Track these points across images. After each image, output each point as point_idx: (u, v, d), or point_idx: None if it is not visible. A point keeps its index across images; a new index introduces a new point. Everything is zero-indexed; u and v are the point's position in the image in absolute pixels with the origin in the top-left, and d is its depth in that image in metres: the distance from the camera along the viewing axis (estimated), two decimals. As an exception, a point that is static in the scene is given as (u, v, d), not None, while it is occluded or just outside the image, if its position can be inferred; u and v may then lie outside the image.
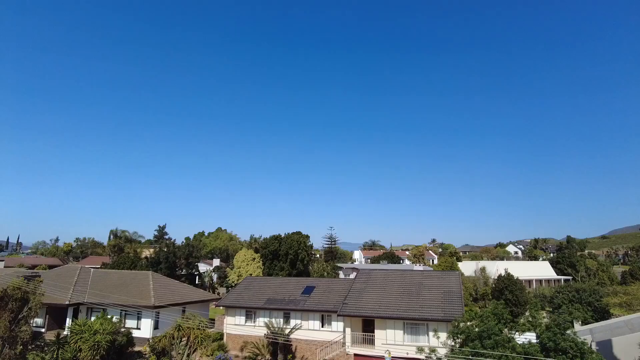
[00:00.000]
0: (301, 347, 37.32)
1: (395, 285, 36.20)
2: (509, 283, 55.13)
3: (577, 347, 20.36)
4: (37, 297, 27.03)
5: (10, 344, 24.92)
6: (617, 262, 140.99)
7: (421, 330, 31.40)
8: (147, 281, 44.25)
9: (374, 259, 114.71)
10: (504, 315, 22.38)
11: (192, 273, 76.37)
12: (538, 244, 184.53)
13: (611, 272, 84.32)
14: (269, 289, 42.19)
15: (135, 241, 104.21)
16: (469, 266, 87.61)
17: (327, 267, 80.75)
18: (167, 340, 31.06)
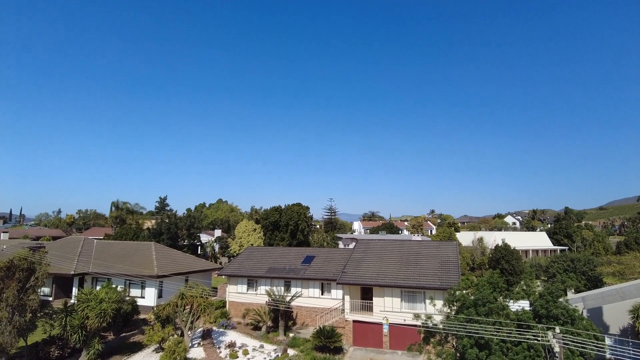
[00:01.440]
0: (302, 314, 38.47)
1: (394, 255, 36.90)
2: (506, 253, 56.11)
3: (568, 314, 21.02)
4: (43, 267, 27.55)
5: (20, 311, 25.64)
6: (613, 232, 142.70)
7: (418, 298, 32.26)
8: (149, 251, 45.06)
9: (373, 230, 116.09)
10: (499, 284, 22.95)
11: (194, 243, 77.51)
12: (536, 215, 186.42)
13: (606, 243, 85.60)
14: (270, 259, 43.03)
15: (137, 213, 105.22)
16: (467, 236, 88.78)
17: (327, 238, 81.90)
18: (171, 308, 31.93)
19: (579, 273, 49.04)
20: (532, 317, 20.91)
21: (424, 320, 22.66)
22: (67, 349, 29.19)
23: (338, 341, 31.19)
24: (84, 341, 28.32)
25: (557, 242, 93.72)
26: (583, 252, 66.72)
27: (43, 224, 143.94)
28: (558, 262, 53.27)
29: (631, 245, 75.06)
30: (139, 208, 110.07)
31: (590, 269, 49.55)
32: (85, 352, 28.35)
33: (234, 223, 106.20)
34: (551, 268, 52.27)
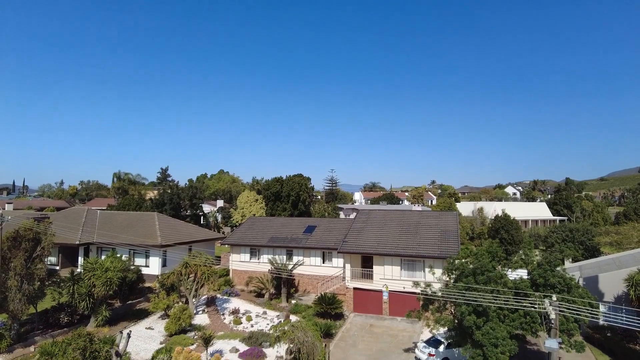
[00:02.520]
0: (303, 282, 39.32)
1: (394, 225, 37.28)
2: (505, 223, 56.62)
3: (564, 282, 21.44)
4: (48, 237, 27.96)
5: (28, 280, 26.25)
6: (612, 203, 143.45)
7: (417, 266, 32.84)
8: (152, 221, 45.57)
9: (374, 200, 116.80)
10: (498, 253, 23.30)
11: (197, 213, 78.20)
12: (537, 186, 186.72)
13: (605, 213, 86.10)
14: (272, 228, 43.55)
15: (139, 183, 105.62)
16: (467, 207, 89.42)
17: (328, 208, 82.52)
18: (175, 277, 32.61)
19: (577, 243, 49.67)
20: (529, 286, 21.35)
21: (423, 288, 23.16)
22: (75, 316, 30.05)
23: (339, 308, 32.00)
24: (92, 308, 29.12)
25: (557, 212, 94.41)
26: (582, 223, 67.30)
27: (46, 195, 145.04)
28: (557, 232, 53.84)
29: (630, 216, 75.54)
30: (140, 179, 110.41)
31: (588, 239, 50.15)
32: (93, 319, 29.21)
33: (235, 194, 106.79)
34: (550, 238, 52.90)
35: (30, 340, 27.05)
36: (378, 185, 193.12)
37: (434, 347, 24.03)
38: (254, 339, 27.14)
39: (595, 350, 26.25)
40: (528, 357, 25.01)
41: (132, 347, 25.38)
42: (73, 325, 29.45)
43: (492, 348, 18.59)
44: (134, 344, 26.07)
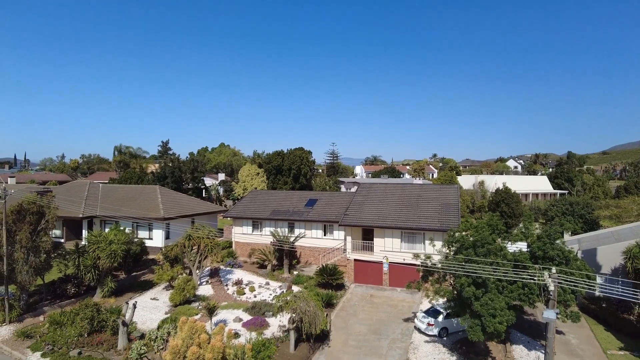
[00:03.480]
0: (305, 254, 39.89)
1: (395, 198, 37.44)
2: (506, 196, 56.79)
3: (563, 255, 21.70)
4: (51, 210, 28.18)
5: (34, 252, 26.67)
6: (613, 177, 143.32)
7: (418, 239, 33.19)
8: (155, 195, 45.80)
9: (375, 174, 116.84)
10: (498, 226, 23.48)
11: (199, 187, 78.49)
12: (538, 159, 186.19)
13: (606, 187, 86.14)
14: (274, 202, 43.79)
15: (140, 157, 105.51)
16: (468, 180, 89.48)
17: (329, 182, 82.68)
18: (178, 249, 33.06)
19: (576, 216, 49.96)
20: (528, 258, 21.63)
21: (423, 260, 23.47)
22: (82, 287, 30.70)
23: (340, 278, 32.59)
24: (98, 280, 29.70)
25: (558, 186, 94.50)
26: (582, 196, 67.47)
27: (48, 168, 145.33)
28: (557, 205, 54.07)
29: (630, 190, 75.64)
30: (141, 152, 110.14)
31: (588, 213, 50.41)
32: (99, 290, 29.85)
33: (236, 167, 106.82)
34: (550, 211, 53.17)
35: (39, 310, 27.76)
36: (379, 158, 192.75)
37: (433, 317, 24.61)
38: (257, 309, 27.79)
39: (590, 320, 26.87)
40: (525, 327, 25.64)
41: (138, 317, 26.04)
42: (80, 296, 30.14)
43: (490, 318, 19.01)
44: (140, 314, 26.73)
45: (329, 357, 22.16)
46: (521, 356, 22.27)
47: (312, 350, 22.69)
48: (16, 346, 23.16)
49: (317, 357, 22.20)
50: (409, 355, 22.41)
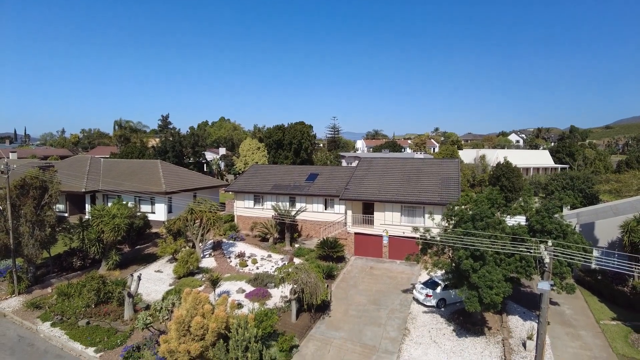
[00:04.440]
0: (306, 227, 40.38)
1: (395, 172, 37.54)
2: (507, 170, 56.85)
3: (561, 228, 21.97)
4: (54, 185, 28.39)
5: (39, 226, 27.07)
6: (616, 151, 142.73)
7: (417, 212, 33.49)
8: (156, 169, 45.95)
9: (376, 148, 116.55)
10: (497, 200, 23.66)
11: (200, 161, 78.59)
12: (541, 133, 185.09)
13: (607, 162, 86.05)
14: (275, 176, 43.97)
15: (140, 131, 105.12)
16: (469, 154, 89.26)
17: (330, 156, 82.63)
18: (181, 223, 33.47)
19: (576, 191, 50.15)
20: (527, 232, 21.90)
21: (423, 233, 23.78)
22: (87, 260, 31.30)
23: (340, 251, 33.13)
24: (102, 253, 30.24)
25: (559, 160, 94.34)
26: (583, 171, 67.52)
27: (49, 143, 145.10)
28: (557, 180, 54.20)
29: (632, 164, 75.52)
30: (141, 126, 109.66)
31: (588, 187, 50.57)
32: (104, 263, 30.44)
33: (237, 141, 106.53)
34: (550, 185, 53.36)
35: (47, 283, 28.42)
36: (381, 133, 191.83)
37: (431, 289, 25.17)
38: (259, 280, 28.42)
39: (584, 292, 27.45)
40: (521, 298, 26.24)
41: (143, 289, 26.68)
42: (85, 268, 30.77)
43: (487, 290, 19.45)
44: (145, 286, 27.35)
45: (330, 326, 22.83)
46: (516, 326, 22.91)
47: (313, 320, 23.35)
48: (26, 316, 23.88)
49: (318, 326, 22.88)
50: (408, 324, 23.06)
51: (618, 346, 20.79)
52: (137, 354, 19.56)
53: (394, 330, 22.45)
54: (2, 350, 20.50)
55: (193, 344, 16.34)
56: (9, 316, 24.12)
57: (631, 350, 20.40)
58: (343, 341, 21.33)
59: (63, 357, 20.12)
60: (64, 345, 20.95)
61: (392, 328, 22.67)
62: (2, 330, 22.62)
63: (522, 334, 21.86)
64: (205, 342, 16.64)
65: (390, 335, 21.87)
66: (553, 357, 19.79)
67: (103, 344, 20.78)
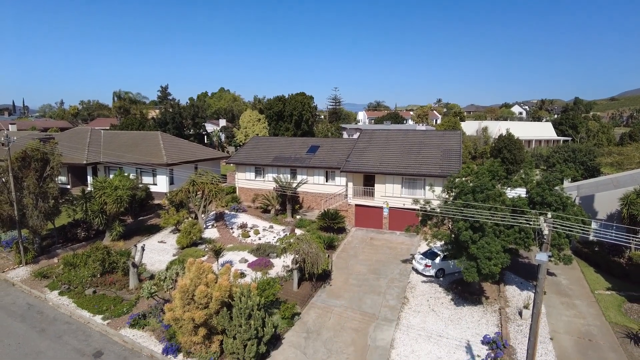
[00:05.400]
0: (307, 199, 40.65)
1: (397, 144, 37.40)
2: (508, 142, 56.57)
3: (561, 201, 22.09)
4: (55, 157, 28.41)
5: (43, 198, 27.29)
6: (619, 124, 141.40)
7: (418, 184, 33.60)
8: (157, 141, 45.83)
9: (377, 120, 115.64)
10: (498, 172, 23.67)
11: (200, 133, 78.15)
12: (544, 105, 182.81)
13: (611, 134, 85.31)
14: (276, 148, 43.88)
15: (140, 102, 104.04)
16: (472, 126, 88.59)
17: (331, 128, 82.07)
18: (183, 194, 33.68)
19: (578, 163, 50.10)
20: (527, 204, 22.03)
21: (423, 204, 23.94)
22: (91, 231, 31.72)
23: (341, 222, 33.48)
24: (106, 224, 30.61)
25: (562, 132, 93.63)
26: (585, 143, 67.11)
27: (48, 115, 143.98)
28: (559, 152, 54.02)
29: (635, 137, 75.01)
30: (141, 98, 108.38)
31: (589, 160, 50.47)
32: (108, 234, 30.86)
33: (237, 113, 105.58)
34: (552, 158, 53.25)
35: (52, 253, 28.94)
36: (382, 104, 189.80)
37: (430, 259, 25.59)
38: (261, 251, 28.89)
39: (581, 263, 27.89)
40: (519, 269, 26.70)
41: (147, 259, 27.18)
42: (90, 239, 31.24)
43: (485, 261, 19.76)
44: (149, 256, 27.85)
45: (331, 295, 23.38)
46: (513, 295, 23.42)
47: (315, 289, 23.90)
48: (34, 285, 24.46)
49: (319, 294, 23.43)
50: (407, 293, 23.59)
51: (611, 315, 21.32)
52: (143, 322, 20.16)
53: (393, 299, 22.99)
54: (13, 318, 21.13)
55: (197, 312, 16.81)
56: (17, 285, 24.71)
57: (624, 319, 20.93)
58: (343, 309, 21.89)
59: (72, 323, 20.74)
60: (72, 313, 21.56)
61: (391, 297, 23.21)
62: (12, 298, 23.23)
63: (519, 303, 22.38)
64: (209, 310, 17.11)
65: (389, 304, 22.42)
66: (548, 325, 20.34)
67: (110, 312, 21.37)
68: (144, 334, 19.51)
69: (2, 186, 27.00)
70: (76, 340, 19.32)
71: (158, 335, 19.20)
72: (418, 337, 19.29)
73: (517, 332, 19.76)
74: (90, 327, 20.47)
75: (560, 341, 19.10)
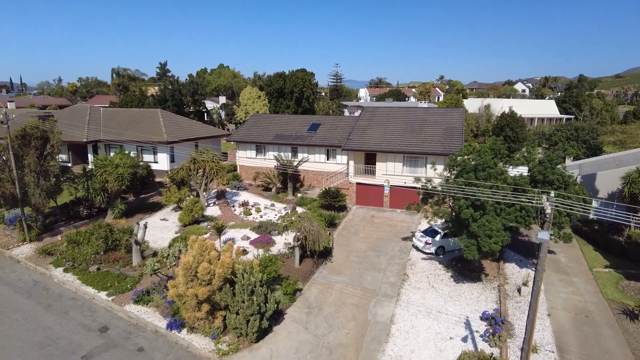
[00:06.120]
0: (308, 177, 40.66)
1: (399, 122, 37.12)
2: (511, 120, 56.12)
3: (563, 179, 22.05)
4: (55, 135, 28.23)
5: (44, 176, 27.28)
6: (624, 102, 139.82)
7: (420, 163, 33.52)
8: (157, 118, 45.50)
9: (379, 97, 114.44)
10: (500, 151, 23.53)
11: (200, 110, 77.56)
12: (548, 83, 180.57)
13: (614, 112, 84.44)
14: (277, 126, 43.58)
15: (139, 79, 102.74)
16: (474, 103, 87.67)
17: (332, 105, 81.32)
18: (184, 172, 33.67)
19: (580, 142, 49.80)
20: (528, 182, 22.00)
21: (424, 183, 23.94)
22: (94, 209, 31.87)
23: (342, 200, 33.58)
24: (108, 202, 30.73)
25: (565, 110, 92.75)
26: (589, 122, 66.52)
27: (46, 92, 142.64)
28: (562, 130, 53.62)
29: (639, 115, 74.33)
30: (140, 74, 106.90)
31: (592, 138, 50.12)
32: (110, 212, 31.02)
33: (237, 89, 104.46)
34: (554, 136, 52.89)
35: (56, 231, 29.16)
36: (384, 81, 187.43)
37: (430, 237, 25.78)
38: (263, 228, 29.10)
39: (580, 241, 28.10)
40: (519, 247, 26.93)
41: (149, 236, 27.39)
42: (92, 217, 31.42)
43: (486, 239, 19.89)
44: (151, 234, 28.07)
45: (332, 272, 23.67)
46: (513, 273, 23.69)
47: (316, 265, 24.18)
48: (39, 262, 24.76)
49: (320, 271, 23.72)
50: (407, 270, 23.87)
51: (608, 292, 21.62)
52: (147, 298, 20.49)
53: (394, 275, 23.28)
54: (20, 294, 21.48)
55: (200, 288, 17.06)
56: (22, 262, 25.02)
57: (620, 296, 21.23)
58: (344, 285, 22.20)
59: (77, 300, 21.10)
60: (78, 289, 21.90)
61: (391, 273, 23.50)
62: (18, 275, 23.56)
63: (518, 281, 22.66)
64: (212, 286, 17.36)
65: (389, 280, 22.72)
66: (546, 302, 20.65)
67: (114, 288, 21.69)
68: (148, 310, 19.86)
69: (3, 164, 26.98)
70: (82, 315, 19.69)
71: (162, 311, 19.54)
72: (418, 313, 19.62)
73: (516, 309, 20.08)
74: (96, 303, 20.83)
75: (558, 317, 19.43)
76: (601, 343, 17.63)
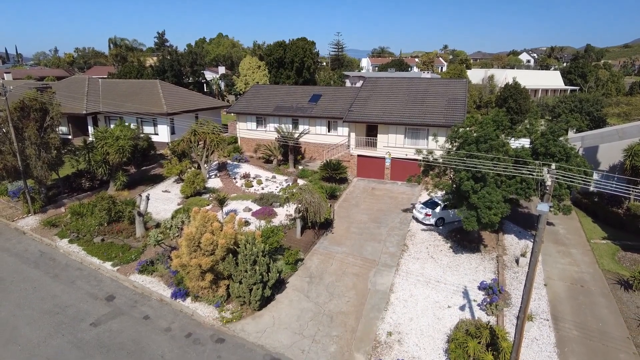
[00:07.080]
0: (309, 149, 40.59)
1: (401, 93, 36.67)
2: (514, 92, 55.34)
3: (564, 151, 21.98)
4: (54, 107, 27.99)
5: (45, 149, 27.25)
6: (631, 72, 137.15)
7: (421, 134, 33.36)
8: (156, 89, 45.00)
9: (382, 67, 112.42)
10: (503, 123, 23.32)
11: (199, 81, 76.58)
12: (553, 53, 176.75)
13: (621, 83, 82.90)
14: (277, 97, 43.11)
15: (137, 49, 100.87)
16: (478, 74, 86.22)
17: (333, 76, 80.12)
18: (185, 144, 33.59)
19: (584, 114, 49.24)
20: (530, 154, 21.95)
21: (425, 155, 23.90)
22: (96, 181, 32.04)
23: (343, 173, 33.66)
24: (110, 174, 30.83)
25: (570, 82, 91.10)
26: (594, 93, 65.53)
27: (43, 63, 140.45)
28: (566, 102, 52.90)
29: (646, 85, 73.13)
30: (137, 44, 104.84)
31: (596, 110, 49.52)
32: (112, 184, 31.18)
33: (237, 59, 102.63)
34: (558, 108, 52.27)
35: (59, 203, 29.42)
36: (387, 50, 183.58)
37: (430, 208, 25.99)
38: (265, 200, 29.32)
39: (580, 213, 28.31)
40: (518, 218, 27.16)
41: (152, 208, 27.65)
42: (94, 189, 31.61)
43: (485, 210, 20.03)
44: (153, 205, 28.31)
45: (333, 242, 24.03)
46: (511, 244, 24.01)
47: (317, 236, 24.53)
48: (44, 233, 25.13)
49: (321, 242, 24.08)
50: (407, 241, 24.21)
51: (604, 262, 21.98)
52: (152, 268, 20.91)
53: (393, 246, 23.64)
54: (27, 264, 21.93)
55: (204, 258, 17.38)
56: (28, 234, 25.39)
57: (616, 266, 21.59)
58: (345, 255, 22.59)
59: (83, 270, 21.55)
60: (83, 260, 22.32)
61: (391, 244, 23.85)
62: (24, 246, 23.97)
63: (516, 252, 23.00)
64: (215, 256, 17.68)
65: (389, 251, 23.08)
66: (543, 272, 21.03)
67: (119, 258, 22.11)
68: (152, 280, 20.31)
69: (3, 137, 26.92)
70: (89, 285, 20.17)
71: (166, 281, 19.99)
72: (417, 282, 20.05)
73: (513, 279, 20.49)
74: (101, 273, 21.28)
75: (554, 287, 19.85)
76: (595, 311, 18.08)
